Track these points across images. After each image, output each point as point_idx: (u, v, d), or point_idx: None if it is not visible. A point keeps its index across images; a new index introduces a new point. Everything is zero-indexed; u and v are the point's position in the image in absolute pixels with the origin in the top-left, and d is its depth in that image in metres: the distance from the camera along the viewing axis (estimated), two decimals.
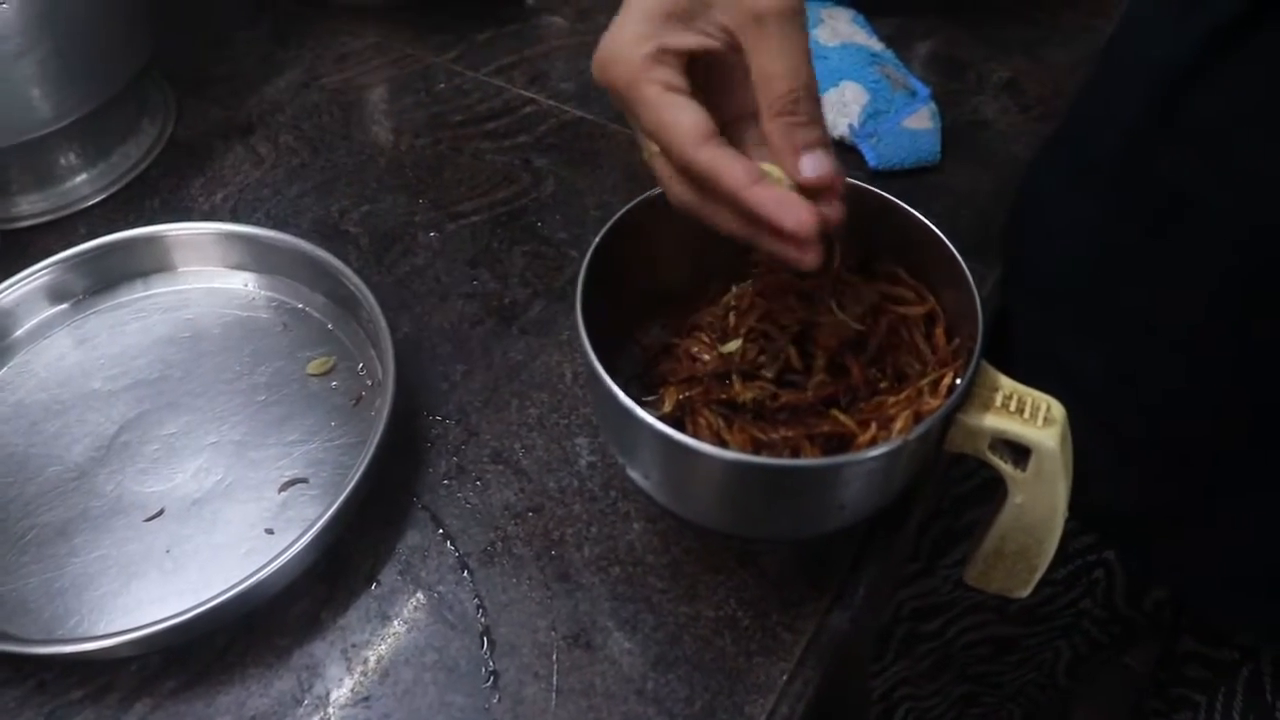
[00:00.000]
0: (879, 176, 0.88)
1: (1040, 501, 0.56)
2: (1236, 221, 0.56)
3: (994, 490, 0.59)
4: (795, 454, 0.57)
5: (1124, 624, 0.92)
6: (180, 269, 0.79)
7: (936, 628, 1.00)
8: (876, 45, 0.98)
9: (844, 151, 0.91)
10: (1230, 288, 0.57)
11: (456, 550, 0.66)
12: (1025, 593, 0.63)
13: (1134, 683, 1.04)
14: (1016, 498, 0.57)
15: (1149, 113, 0.60)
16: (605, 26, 1.05)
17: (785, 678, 0.60)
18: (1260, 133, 0.54)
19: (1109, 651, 0.97)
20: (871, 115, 0.89)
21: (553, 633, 0.62)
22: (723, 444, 0.57)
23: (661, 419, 0.59)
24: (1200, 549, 0.69)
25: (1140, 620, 0.91)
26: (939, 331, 0.61)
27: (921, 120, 0.90)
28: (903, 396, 0.58)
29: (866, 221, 0.64)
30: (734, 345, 0.60)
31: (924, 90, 0.93)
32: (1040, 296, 0.74)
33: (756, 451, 0.57)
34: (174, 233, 0.78)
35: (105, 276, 0.78)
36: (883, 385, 0.59)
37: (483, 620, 0.63)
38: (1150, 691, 0.91)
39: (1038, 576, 0.61)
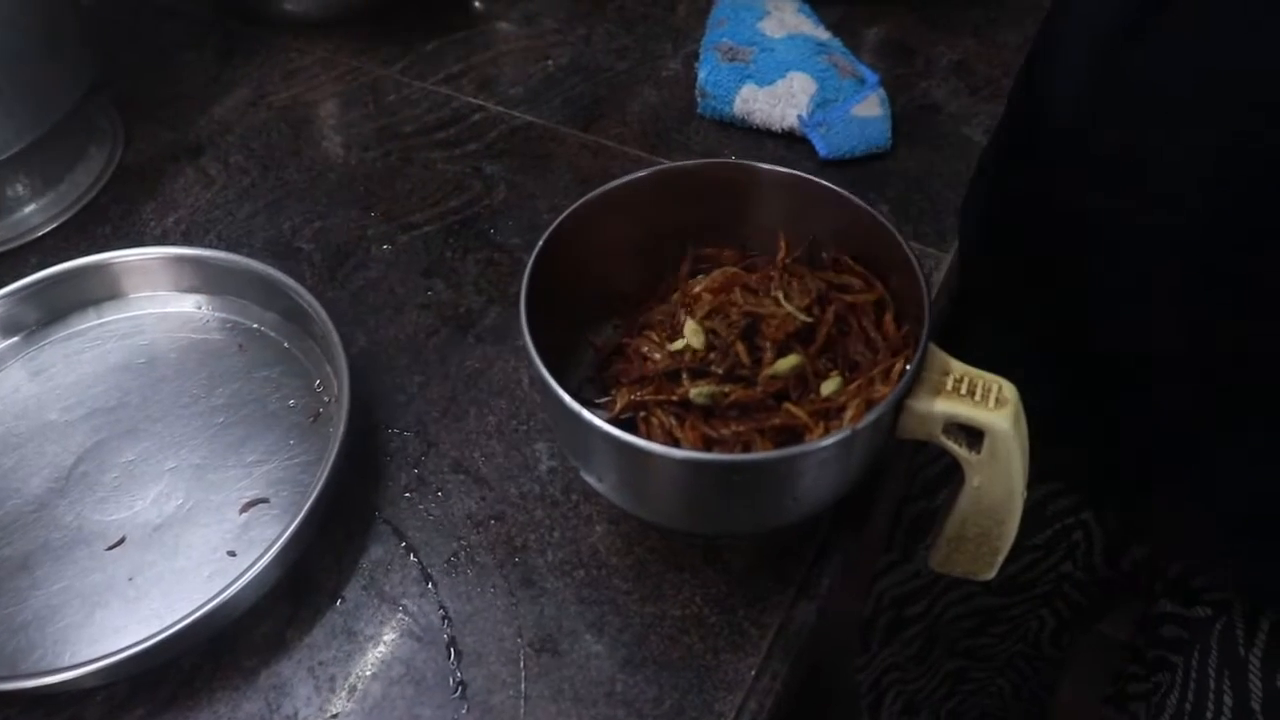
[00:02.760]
0: (829, 166, 0.88)
1: (997, 483, 0.56)
2: (1186, 178, 0.56)
3: (961, 471, 0.59)
4: (747, 449, 0.56)
5: (1104, 585, 0.93)
6: (131, 295, 0.78)
7: (921, 609, 1.01)
8: (823, 34, 0.98)
9: (794, 142, 0.91)
10: (1189, 243, 0.57)
11: (419, 562, 0.65)
12: (990, 575, 0.63)
13: (1112, 652, 1.05)
14: (974, 481, 0.57)
15: (1092, 78, 0.60)
16: (553, 29, 1.07)
17: (753, 673, 0.60)
18: (1192, 89, 0.54)
19: (1090, 616, 0.98)
20: (820, 104, 0.89)
21: (519, 639, 0.62)
22: (675, 443, 0.57)
23: (613, 420, 0.59)
24: (1173, 501, 0.70)
25: (1119, 581, 0.92)
26: (888, 318, 0.61)
27: (871, 107, 0.90)
28: (853, 385, 0.57)
29: (811, 211, 0.64)
30: (680, 343, 0.60)
31: (873, 77, 0.93)
32: (1004, 267, 0.74)
33: (708, 449, 0.57)
34: (121, 259, 0.77)
35: (56, 307, 0.77)
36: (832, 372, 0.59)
37: (448, 631, 0.62)
38: (1128, 656, 0.91)
39: (1001, 558, 0.61)
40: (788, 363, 0.58)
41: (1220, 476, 0.66)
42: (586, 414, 0.52)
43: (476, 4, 1.11)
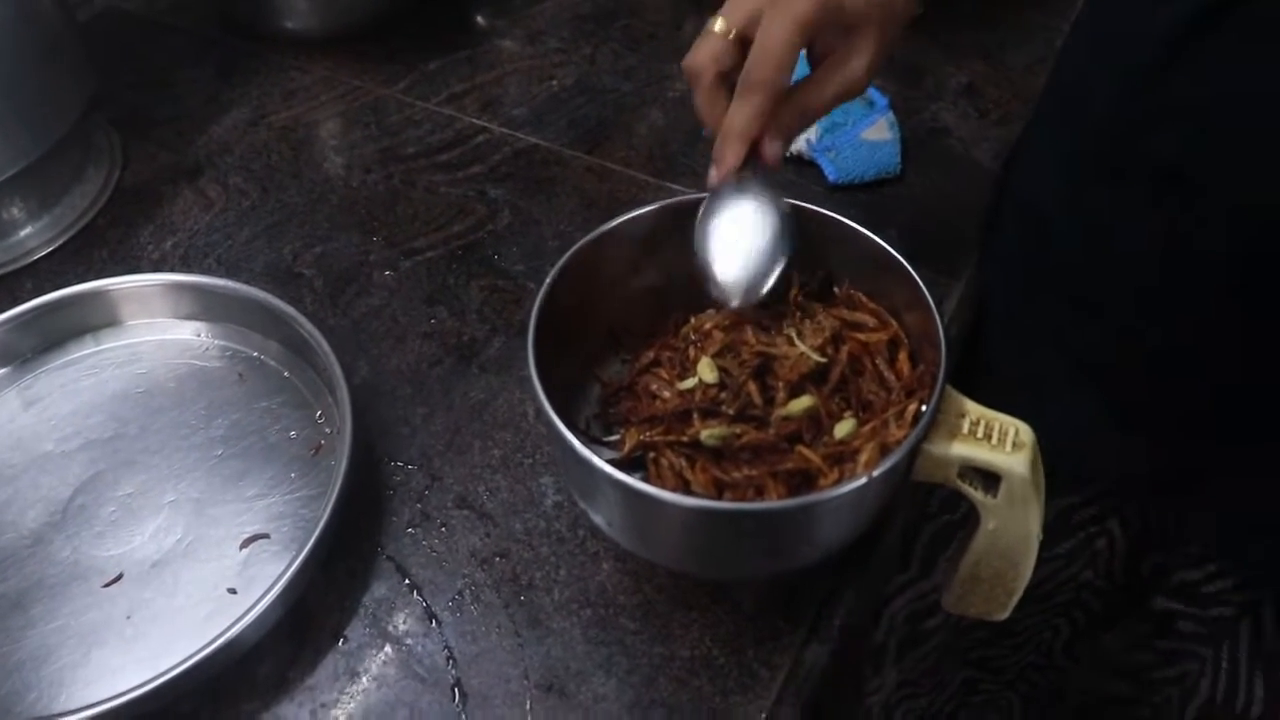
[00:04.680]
0: (838, 191, 0.87)
1: (1013, 526, 0.55)
2: (1228, 192, 0.56)
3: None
4: (759, 493, 0.55)
5: (1121, 592, 0.92)
6: (129, 322, 0.77)
7: (939, 621, 1.00)
8: None
9: (802, 167, 0.90)
10: (1230, 254, 0.58)
11: (424, 600, 0.64)
12: (1003, 615, 0.62)
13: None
14: (989, 524, 0.56)
15: (1128, 93, 0.60)
16: (556, 49, 1.05)
17: (764, 716, 0.59)
18: (1242, 107, 0.54)
19: (1102, 625, 0.97)
20: (829, 129, 0.88)
21: (525, 681, 0.61)
22: (685, 485, 0.56)
23: (622, 460, 0.58)
24: (1205, 507, 0.70)
25: (1135, 587, 0.91)
26: (902, 357, 0.60)
27: (880, 131, 0.89)
28: (867, 428, 0.56)
29: (824, 246, 0.63)
30: (691, 382, 0.59)
31: (882, 100, 0.92)
32: (1031, 279, 0.73)
33: (720, 492, 0.56)
34: (119, 286, 0.76)
35: (51, 335, 0.76)
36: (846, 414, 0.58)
37: (453, 672, 0.61)
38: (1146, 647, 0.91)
39: (1015, 599, 0.60)
40: (801, 404, 0.56)
41: (1257, 479, 0.66)
42: (597, 461, 0.50)
43: (479, 20, 1.09)
